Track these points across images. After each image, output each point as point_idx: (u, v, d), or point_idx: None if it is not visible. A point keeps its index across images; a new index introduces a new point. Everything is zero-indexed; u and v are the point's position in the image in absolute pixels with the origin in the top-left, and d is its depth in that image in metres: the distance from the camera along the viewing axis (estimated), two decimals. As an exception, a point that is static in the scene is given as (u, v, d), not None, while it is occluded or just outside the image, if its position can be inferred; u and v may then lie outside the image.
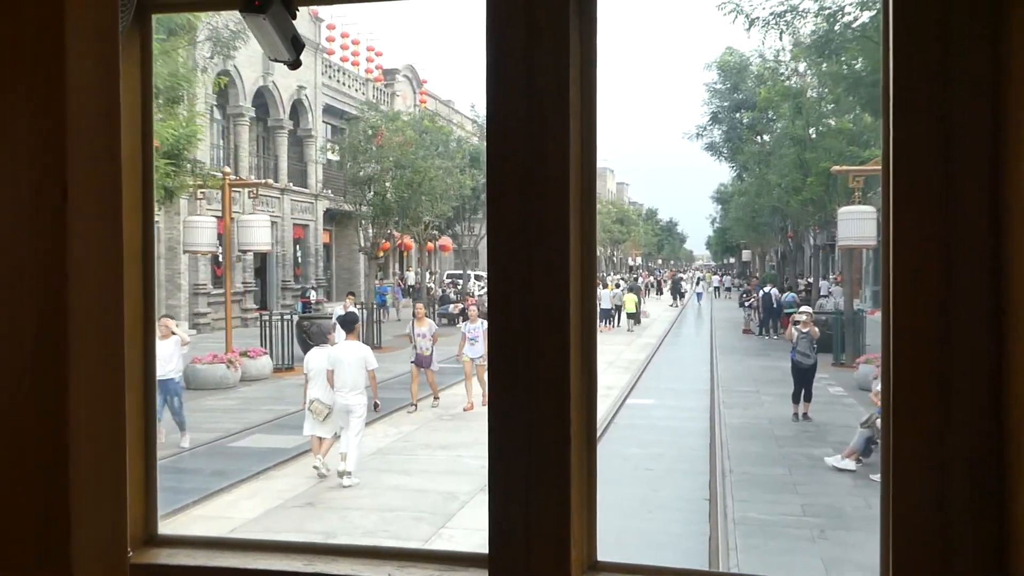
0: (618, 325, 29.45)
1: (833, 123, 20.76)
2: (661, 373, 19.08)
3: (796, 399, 13.34)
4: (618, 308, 29.44)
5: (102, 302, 0.92)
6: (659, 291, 48.64)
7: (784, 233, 32.47)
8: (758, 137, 28.50)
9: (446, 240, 39.18)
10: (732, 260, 70.88)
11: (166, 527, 1.87)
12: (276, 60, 1.80)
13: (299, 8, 1.74)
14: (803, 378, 13.23)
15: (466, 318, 29.31)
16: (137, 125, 1.81)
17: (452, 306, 32.96)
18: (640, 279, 46.64)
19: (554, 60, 1.49)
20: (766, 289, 26.72)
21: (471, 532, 7.88)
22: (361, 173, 25.23)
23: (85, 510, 0.88)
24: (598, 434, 2.02)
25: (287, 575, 1.64)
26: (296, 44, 1.78)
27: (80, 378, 0.88)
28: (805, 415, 13.27)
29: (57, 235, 0.87)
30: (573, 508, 1.52)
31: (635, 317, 29.56)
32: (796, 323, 13.33)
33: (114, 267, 0.94)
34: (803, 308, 13.70)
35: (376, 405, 10.96)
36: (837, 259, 36.90)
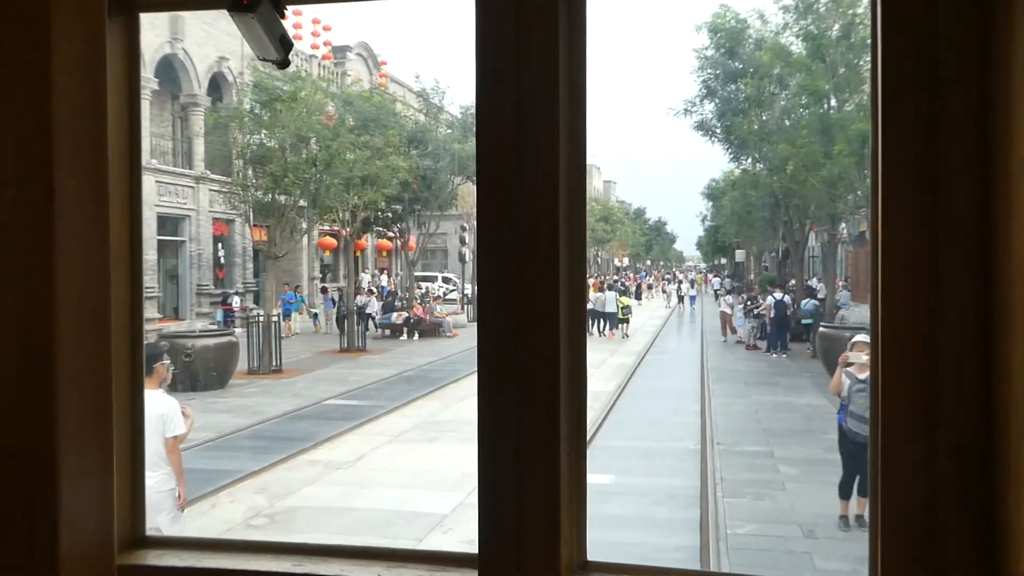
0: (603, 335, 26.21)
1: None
2: (632, 417, 13.70)
3: (846, 491, 7.93)
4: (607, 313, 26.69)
5: (89, 301, 0.93)
6: (637, 296, 42.41)
7: (788, 226, 27.03)
8: (761, 112, 22.80)
9: (388, 237, 33.98)
10: (723, 261, 66.39)
11: None
12: (265, 59, 1.83)
13: (287, 7, 1.78)
14: (858, 458, 7.67)
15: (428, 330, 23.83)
16: (125, 122, 1.79)
17: (395, 315, 27.88)
18: (622, 281, 41.95)
19: (543, 59, 1.51)
20: (776, 295, 21.14)
21: None
22: (255, 148, 19.81)
23: (72, 511, 0.91)
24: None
25: (276, 575, 1.63)
26: (285, 43, 1.80)
27: (67, 380, 0.90)
28: (861, 518, 7.88)
29: (43, 232, 0.87)
30: (563, 508, 1.52)
31: (624, 322, 27.22)
32: (848, 366, 7.69)
33: (101, 265, 0.95)
34: (858, 337, 7.89)
35: (179, 497, 6.04)
36: (841, 258, 31.61)
